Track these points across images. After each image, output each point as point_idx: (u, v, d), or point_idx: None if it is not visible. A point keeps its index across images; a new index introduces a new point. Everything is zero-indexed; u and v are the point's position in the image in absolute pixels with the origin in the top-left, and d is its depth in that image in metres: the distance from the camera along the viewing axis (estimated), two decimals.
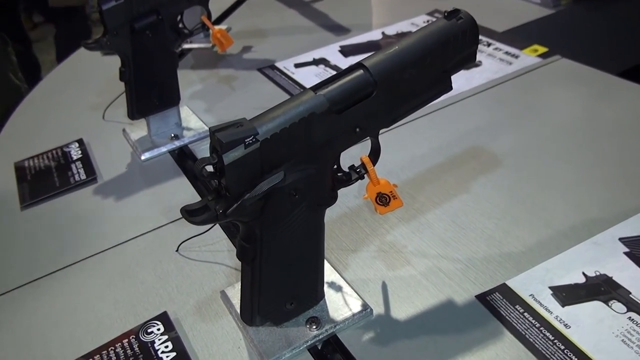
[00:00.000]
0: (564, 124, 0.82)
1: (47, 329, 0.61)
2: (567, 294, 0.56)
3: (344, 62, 1.08)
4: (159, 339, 0.57)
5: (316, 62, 1.10)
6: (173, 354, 0.55)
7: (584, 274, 0.58)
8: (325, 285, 0.58)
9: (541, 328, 0.53)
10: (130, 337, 0.58)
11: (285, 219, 0.48)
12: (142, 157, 0.87)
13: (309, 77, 1.05)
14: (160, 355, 0.55)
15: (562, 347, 0.52)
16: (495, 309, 0.56)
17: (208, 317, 0.59)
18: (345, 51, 1.12)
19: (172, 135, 0.90)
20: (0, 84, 1.44)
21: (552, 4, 1.17)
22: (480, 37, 1.07)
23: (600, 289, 0.56)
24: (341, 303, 0.57)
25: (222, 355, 0.55)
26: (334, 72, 1.03)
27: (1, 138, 0.99)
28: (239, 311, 0.56)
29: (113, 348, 0.57)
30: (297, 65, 1.10)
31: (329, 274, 0.60)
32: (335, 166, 0.51)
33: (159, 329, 0.58)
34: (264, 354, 0.53)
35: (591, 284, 0.57)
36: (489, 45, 1.06)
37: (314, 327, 0.55)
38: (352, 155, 0.55)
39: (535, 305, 0.56)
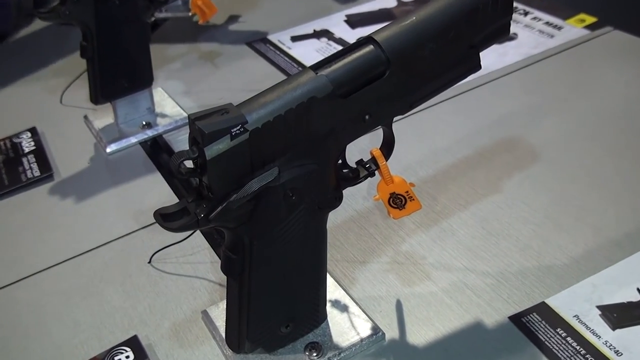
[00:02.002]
0: (616, 110, 0.83)
1: None
2: (619, 315, 0.56)
3: (351, 35, 1.08)
4: None
5: (317, 34, 1.10)
6: None
7: (639, 290, 0.58)
8: (328, 305, 0.58)
9: (587, 355, 0.54)
10: None
11: (279, 224, 0.49)
12: (108, 150, 0.88)
13: (309, 52, 1.05)
14: None
15: None
16: (533, 333, 0.56)
17: (187, 343, 0.60)
18: (353, 22, 1.12)
19: (144, 123, 0.90)
20: None
21: None
22: (516, 4, 1.07)
23: None
24: (347, 326, 0.57)
25: None
26: (339, 47, 1.05)
27: None
28: (224, 335, 0.56)
29: None
30: (295, 39, 1.10)
31: (333, 290, 0.61)
32: (340, 161, 0.51)
33: (128, 357, 0.58)
34: None
35: None
36: (526, 14, 1.06)
37: (315, 354, 0.55)
38: (360, 148, 0.56)
39: (580, 328, 0.56)
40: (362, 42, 0.48)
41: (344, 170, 0.52)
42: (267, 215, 0.48)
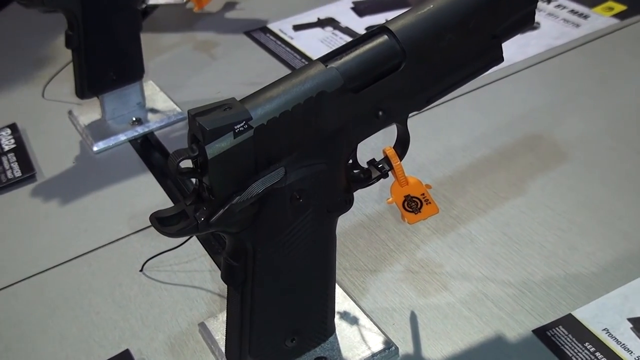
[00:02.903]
0: None
1: None
2: None
3: (359, 24, 1.09)
4: None
5: (322, 23, 1.10)
6: None
7: None
8: (337, 317, 0.58)
9: None
10: None
11: (285, 229, 0.49)
12: (95, 148, 0.88)
13: (313, 42, 1.05)
14: None
15: None
16: (559, 348, 0.56)
17: (183, 358, 0.60)
18: (361, 9, 1.12)
19: (134, 119, 0.90)
20: None
21: None
22: None
23: None
24: (357, 339, 0.57)
25: None
26: (346, 37, 1.05)
27: None
28: (223, 350, 0.56)
29: None
30: (297, 28, 1.10)
31: (342, 301, 0.61)
32: (351, 161, 0.51)
33: None
34: None
35: None
36: (549, 1, 1.06)
37: None
38: (372, 147, 0.56)
39: (610, 342, 0.56)
40: (375, 32, 0.48)
41: (355, 171, 0.52)
42: (272, 220, 0.48)
